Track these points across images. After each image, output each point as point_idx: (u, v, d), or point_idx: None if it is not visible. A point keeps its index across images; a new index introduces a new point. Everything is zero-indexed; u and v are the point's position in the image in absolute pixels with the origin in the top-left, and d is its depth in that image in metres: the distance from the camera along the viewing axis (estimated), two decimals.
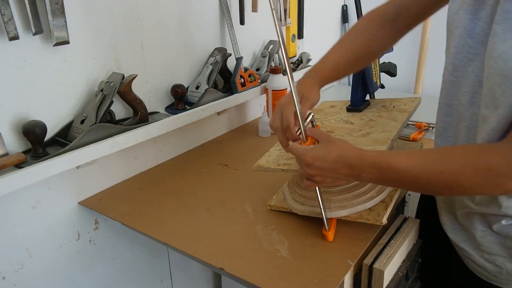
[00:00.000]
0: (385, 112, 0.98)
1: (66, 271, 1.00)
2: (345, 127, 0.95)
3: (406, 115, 0.94)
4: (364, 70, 1.02)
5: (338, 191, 0.82)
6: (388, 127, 0.89)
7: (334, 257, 0.76)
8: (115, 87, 0.94)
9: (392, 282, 0.82)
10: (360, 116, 0.99)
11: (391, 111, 0.97)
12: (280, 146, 0.88)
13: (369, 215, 0.80)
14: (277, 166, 0.85)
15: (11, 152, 0.84)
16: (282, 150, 0.88)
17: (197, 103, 1.18)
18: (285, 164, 0.85)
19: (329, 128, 0.95)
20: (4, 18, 0.75)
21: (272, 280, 0.71)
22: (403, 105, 0.99)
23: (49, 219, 0.94)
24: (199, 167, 1.15)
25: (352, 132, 0.91)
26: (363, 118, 0.97)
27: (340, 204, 0.81)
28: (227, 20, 1.29)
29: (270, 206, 0.92)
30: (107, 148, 0.94)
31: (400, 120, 0.90)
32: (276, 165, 0.85)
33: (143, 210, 0.95)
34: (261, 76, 1.42)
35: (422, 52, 1.82)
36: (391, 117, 0.94)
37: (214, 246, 0.81)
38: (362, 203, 0.80)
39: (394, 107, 0.99)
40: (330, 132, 0.92)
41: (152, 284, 1.26)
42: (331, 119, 1.00)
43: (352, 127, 0.93)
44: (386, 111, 0.98)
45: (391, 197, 0.83)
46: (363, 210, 0.80)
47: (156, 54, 1.11)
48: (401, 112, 0.96)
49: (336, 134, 0.91)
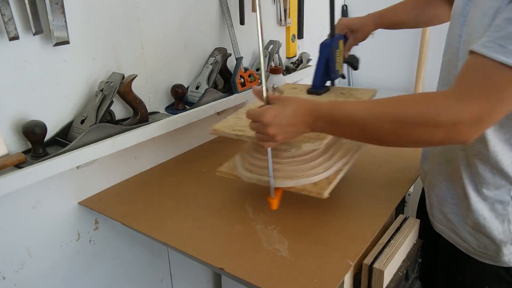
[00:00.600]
0: (342, 99, 1.03)
1: (66, 271, 1.00)
2: None
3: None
4: (328, 56, 1.05)
5: (287, 162, 0.86)
6: None
7: (334, 257, 0.76)
8: (115, 87, 0.94)
9: (392, 282, 0.82)
10: (318, 99, 1.04)
11: (347, 98, 1.02)
12: (238, 115, 0.96)
13: (312, 188, 0.83)
14: (231, 131, 0.88)
15: (11, 152, 0.84)
16: (239, 119, 0.93)
17: (197, 103, 1.18)
18: (239, 130, 0.88)
19: None
20: (4, 18, 0.75)
21: (272, 280, 0.71)
22: (360, 94, 1.04)
23: (49, 219, 0.94)
24: (199, 167, 1.15)
25: None
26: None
27: (287, 175, 0.84)
28: (227, 20, 1.28)
29: (220, 173, 0.95)
30: (107, 148, 0.94)
31: None
32: (231, 130, 0.88)
33: (143, 210, 0.95)
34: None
35: (422, 52, 1.82)
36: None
37: (214, 246, 0.81)
38: (308, 176, 0.84)
39: (351, 95, 1.04)
40: None
41: (152, 284, 1.26)
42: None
43: None
44: (344, 98, 1.03)
45: (335, 175, 0.87)
46: (308, 184, 0.84)
47: (156, 54, 1.11)
48: (357, 100, 1.00)
49: None
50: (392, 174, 1.06)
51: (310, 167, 0.86)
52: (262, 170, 0.87)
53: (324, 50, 1.05)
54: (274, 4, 1.51)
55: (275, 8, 1.53)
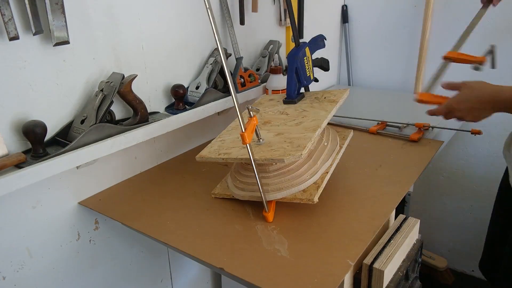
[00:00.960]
0: (317, 103, 1.06)
1: (66, 271, 1.00)
2: (281, 117, 1.03)
3: (335, 104, 1.02)
4: (297, 65, 1.11)
5: (274, 175, 0.89)
6: (318, 116, 0.98)
7: (334, 257, 0.76)
8: (115, 87, 0.94)
9: (392, 282, 0.82)
10: (295, 107, 1.08)
11: (322, 102, 1.06)
12: (221, 137, 1.01)
13: (302, 196, 0.86)
14: (217, 156, 0.92)
15: (11, 152, 0.84)
16: (223, 142, 0.98)
17: (197, 103, 1.18)
18: (225, 153, 0.92)
19: (266, 119, 1.03)
20: (4, 18, 0.75)
21: (272, 280, 0.71)
22: (333, 96, 1.07)
23: (49, 219, 0.94)
24: (199, 167, 1.15)
25: (286, 122, 0.99)
26: (298, 109, 1.06)
27: (277, 187, 0.87)
28: (227, 20, 1.29)
29: (214, 194, 0.98)
30: (107, 148, 0.94)
31: (329, 110, 1.00)
32: (217, 155, 0.92)
33: (143, 210, 0.95)
34: (261, 76, 1.42)
35: (422, 52, 1.82)
36: (321, 107, 1.03)
37: (214, 246, 0.81)
38: (296, 185, 0.87)
39: (325, 98, 1.07)
40: (267, 123, 1.01)
41: (152, 284, 1.26)
42: (269, 111, 1.09)
43: (287, 117, 1.02)
44: (318, 102, 1.06)
45: (322, 178, 0.90)
46: (297, 192, 0.87)
47: (156, 54, 1.11)
48: (331, 102, 1.04)
49: (272, 124, 1.00)
50: (392, 174, 1.06)
51: (297, 176, 0.88)
52: (253, 187, 0.90)
53: (292, 60, 1.11)
54: (274, 4, 1.51)
55: (275, 8, 1.53)
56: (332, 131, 1.06)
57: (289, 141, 0.88)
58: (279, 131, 0.95)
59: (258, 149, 0.88)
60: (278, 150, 0.85)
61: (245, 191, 0.91)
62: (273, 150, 0.86)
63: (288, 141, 0.88)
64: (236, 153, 0.90)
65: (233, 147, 0.93)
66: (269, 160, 0.83)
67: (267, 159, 0.84)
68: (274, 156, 0.83)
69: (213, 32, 0.75)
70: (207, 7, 0.73)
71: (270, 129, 0.97)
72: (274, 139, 0.91)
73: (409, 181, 1.02)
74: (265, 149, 0.88)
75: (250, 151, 0.81)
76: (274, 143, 0.89)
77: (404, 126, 1.37)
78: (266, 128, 0.98)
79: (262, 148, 0.89)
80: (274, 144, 0.89)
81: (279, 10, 1.54)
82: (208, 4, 0.74)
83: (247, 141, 0.80)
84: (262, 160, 0.84)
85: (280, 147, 0.86)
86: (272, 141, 0.90)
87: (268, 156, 0.84)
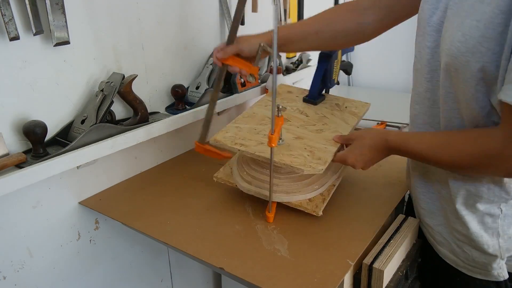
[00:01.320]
0: (338, 111, 1.04)
1: (67, 270, 1.00)
2: (301, 118, 1.01)
3: (356, 119, 1.01)
4: (327, 66, 1.07)
5: (285, 178, 0.88)
6: (340, 128, 0.96)
7: (334, 257, 0.76)
8: (116, 87, 0.94)
9: (392, 282, 0.82)
10: (315, 109, 1.05)
11: (343, 112, 1.04)
12: (237, 123, 0.96)
13: (308, 205, 0.86)
14: (233, 144, 0.88)
15: (12, 152, 0.84)
16: (239, 130, 0.94)
17: (197, 103, 1.18)
18: (241, 144, 0.88)
19: (285, 116, 1.00)
20: (4, 19, 0.76)
21: (272, 280, 0.71)
22: (355, 108, 1.05)
23: (49, 218, 0.94)
24: (199, 167, 1.15)
25: (306, 125, 0.97)
26: (318, 112, 1.03)
27: (284, 190, 0.87)
28: (227, 20, 1.29)
29: (217, 178, 0.96)
30: (107, 148, 0.94)
31: (351, 124, 0.98)
32: (232, 144, 0.89)
33: (143, 210, 0.95)
34: (261, 76, 1.42)
35: None
36: (343, 118, 1.01)
37: (214, 246, 0.81)
38: (304, 193, 0.87)
39: (346, 108, 1.05)
40: (286, 120, 0.98)
41: (152, 284, 1.26)
42: (288, 106, 1.05)
43: (307, 120, 1.00)
44: (339, 111, 1.04)
45: (329, 191, 0.90)
46: (303, 200, 0.86)
47: (156, 54, 1.11)
48: (352, 115, 1.03)
49: (291, 123, 0.98)
50: (392, 174, 1.06)
51: (306, 184, 0.88)
52: (261, 183, 0.89)
53: (325, 61, 1.07)
54: (274, 4, 1.51)
55: (275, 8, 1.53)
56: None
57: (310, 149, 0.87)
58: (298, 134, 0.93)
59: (277, 150, 0.85)
60: (298, 157, 0.84)
61: (252, 185, 0.89)
62: (293, 156, 0.84)
63: (308, 149, 0.87)
64: (254, 148, 0.86)
65: (250, 140, 0.90)
66: (288, 166, 0.82)
67: (286, 164, 0.82)
68: (294, 163, 0.82)
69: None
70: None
71: (289, 129, 0.95)
72: (293, 143, 0.89)
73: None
74: (284, 152, 0.86)
75: (272, 154, 0.80)
76: (294, 148, 0.87)
77: (404, 126, 1.37)
78: (285, 127, 0.95)
79: (281, 150, 0.87)
80: (294, 149, 0.87)
81: (279, 10, 1.54)
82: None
83: (274, 144, 0.78)
84: (281, 164, 0.83)
85: (300, 155, 0.85)
86: (291, 145, 0.89)
87: (287, 162, 0.82)
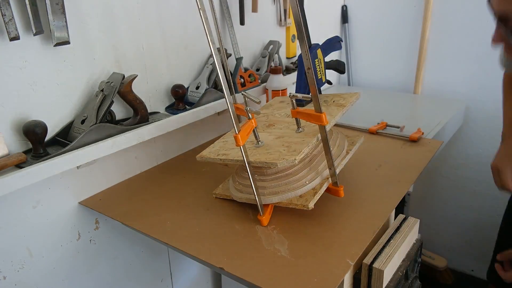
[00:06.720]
0: (324, 107, 1.02)
1: (67, 270, 1.00)
2: (286, 120, 1.01)
3: (342, 109, 0.99)
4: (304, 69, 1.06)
5: (272, 179, 0.88)
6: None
7: (334, 257, 0.76)
8: (116, 87, 0.94)
9: (392, 282, 0.82)
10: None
11: (329, 106, 1.02)
12: (225, 138, 1.01)
13: (298, 201, 0.85)
14: (216, 156, 0.92)
15: (12, 152, 0.84)
16: (225, 143, 0.98)
17: (197, 103, 1.18)
18: (223, 154, 0.92)
19: (271, 122, 1.02)
20: (4, 19, 0.76)
21: (272, 280, 0.71)
22: (342, 99, 1.04)
23: (49, 218, 0.94)
24: (199, 167, 1.15)
25: (289, 125, 0.98)
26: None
27: (273, 191, 0.87)
28: (227, 20, 1.29)
29: (215, 194, 0.99)
30: (107, 148, 0.94)
31: (334, 115, 0.96)
32: (216, 156, 0.93)
33: (143, 210, 0.95)
34: (261, 76, 1.42)
35: (422, 52, 1.82)
36: (328, 112, 0.99)
37: (214, 246, 0.81)
38: (293, 190, 0.86)
39: (333, 102, 1.04)
40: (271, 126, 1.00)
41: (152, 284, 1.26)
42: (276, 114, 1.07)
43: (292, 121, 1.00)
44: (326, 106, 1.02)
45: (321, 184, 0.88)
46: (293, 197, 0.86)
47: (156, 54, 1.11)
48: (338, 106, 1.01)
49: (275, 127, 0.99)
50: (392, 174, 1.06)
51: (294, 180, 0.87)
52: (250, 189, 0.89)
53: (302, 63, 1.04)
54: (274, 4, 1.51)
55: (275, 9, 1.53)
56: (341, 136, 1.03)
57: (287, 145, 0.87)
58: (280, 134, 0.94)
59: (255, 152, 0.87)
60: (273, 153, 0.84)
61: (243, 193, 0.91)
62: (269, 154, 0.85)
63: (285, 145, 0.87)
64: (234, 154, 0.89)
65: (233, 149, 0.93)
66: (263, 163, 0.82)
67: (261, 162, 0.82)
68: (268, 159, 0.82)
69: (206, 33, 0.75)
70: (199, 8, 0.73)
71: (272, 132, 0.96)
72: (273, 142, 0.90)
73: (409, 181, 1.02)
74: (261, 152, 0.87)
75: (244, 153, 0.80)
76: (272, 146, 0.88)
77: (404, 126, 1.37)
78: (269, 131, 0.97)
79: (259, 150, 0.88)
80: (272, 147, 0.88)
81: (279, 10, 1.54)
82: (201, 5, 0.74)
83: (241, 143, 0.79)
84: (257, 163, 0.83)
85: (276, 151, 0.85)
86: (270, 144, 0.90)
87: (262, 159, 0.83)
